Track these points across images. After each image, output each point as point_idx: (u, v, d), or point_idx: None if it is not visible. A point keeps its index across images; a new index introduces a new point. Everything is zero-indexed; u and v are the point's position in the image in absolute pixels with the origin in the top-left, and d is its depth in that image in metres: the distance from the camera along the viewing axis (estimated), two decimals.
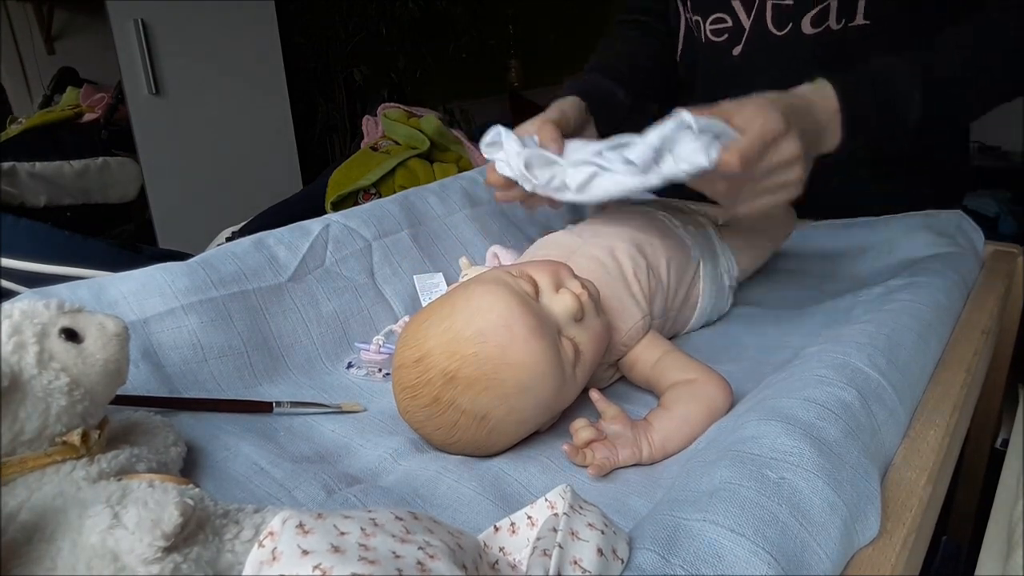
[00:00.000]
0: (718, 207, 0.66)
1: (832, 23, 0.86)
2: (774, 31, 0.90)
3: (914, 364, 0.57)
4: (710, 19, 0.94)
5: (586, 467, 0.53)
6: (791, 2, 0.87)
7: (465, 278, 0.77)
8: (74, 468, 0.41)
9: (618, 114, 0.92)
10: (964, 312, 0.71)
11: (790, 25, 0.88)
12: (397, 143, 1.43)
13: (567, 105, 0.83)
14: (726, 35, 0.94)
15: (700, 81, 1.02)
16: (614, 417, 0.57)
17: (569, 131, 0.80)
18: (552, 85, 1.05)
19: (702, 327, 0.79)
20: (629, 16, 1.08)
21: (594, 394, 0.59)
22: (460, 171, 1.23)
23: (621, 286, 0.67)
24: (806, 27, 0.87)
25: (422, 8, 3.06)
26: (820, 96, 0.66)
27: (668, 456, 0.56)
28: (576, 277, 0.60)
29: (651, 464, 0.55)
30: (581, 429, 0.55)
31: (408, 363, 0.55)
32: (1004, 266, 0.84)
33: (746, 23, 0.92)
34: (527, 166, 0.67)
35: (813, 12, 0.86)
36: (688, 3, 0.96)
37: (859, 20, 0.85)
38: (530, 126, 0.73)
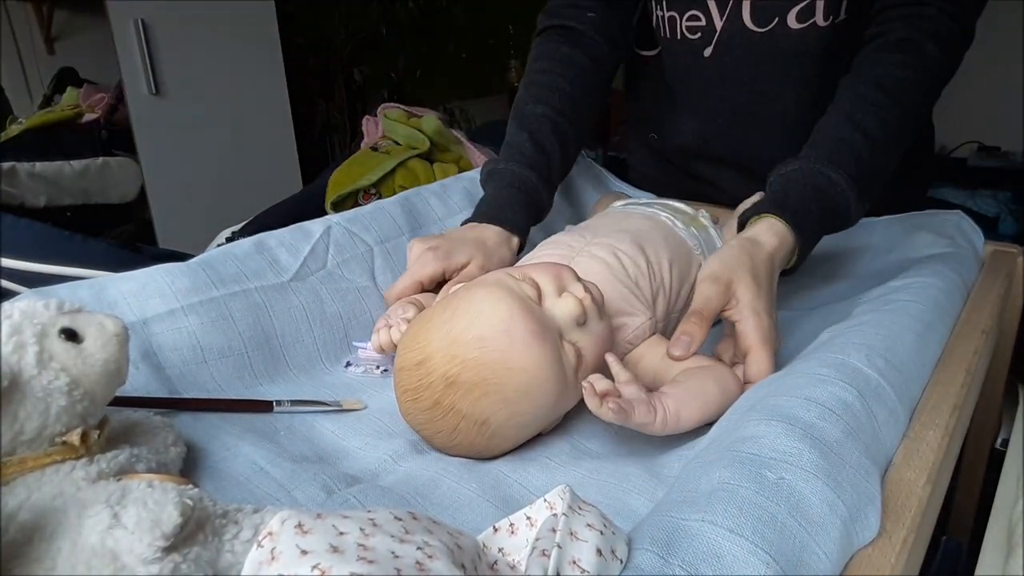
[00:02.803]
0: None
1: (819, 19, 0.85)
2: (753, 27, 0.88)
3: (913, 364, 0.57)
4: (686, 15, 0.91)
5: (601, 412, 0.51)
6: None
7: None
8: (74, 468, 0.41)
9: (541, 210, 0.87)
10: (964, 312, 0.71)
11: (775, 20, 0.86)
12: (397, 143, 1.43)
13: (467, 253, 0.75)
14: (699, 33, 0.91)
15: (673, 83, 0.99)
16: (628, 381, 0.55)
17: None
18: None
19: None
20: (555, 19, 0.94)
21: (609, 357, 0.57)
22: (460, 171, 1.23)
23: (624, 287, 0.67)
24: (792, 22, 0.86)
25: (422, 8, 3.06)
26: (778, 241, 0.67)
27: (681, 430, 0.55)
28: (579, 280, 0.59)
29: (663, 435, 0.54)
30: (598, 380, 0.53)
31: (409, 366, 0.55)
32: (1004, 266, 0.84)
33: (718, 22, 0.89)
34: None
35: (798, 7, 0.84)
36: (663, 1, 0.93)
37: (842, 15, 0.84)
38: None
